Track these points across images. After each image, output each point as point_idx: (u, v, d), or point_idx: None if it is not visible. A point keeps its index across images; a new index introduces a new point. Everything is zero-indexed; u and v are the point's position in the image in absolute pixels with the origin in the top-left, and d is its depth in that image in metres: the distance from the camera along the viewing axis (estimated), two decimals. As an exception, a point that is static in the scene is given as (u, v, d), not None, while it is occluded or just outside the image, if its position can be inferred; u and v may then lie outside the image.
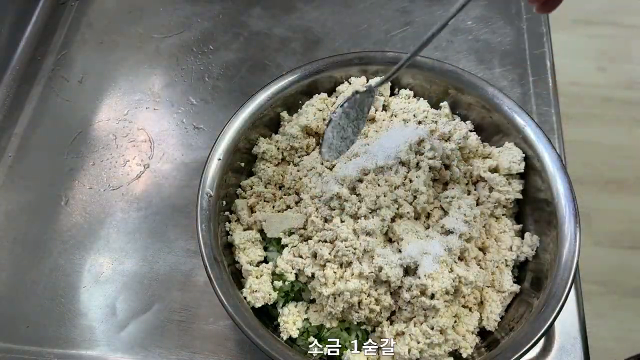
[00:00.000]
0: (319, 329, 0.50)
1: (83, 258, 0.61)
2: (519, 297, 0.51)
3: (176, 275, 0.59)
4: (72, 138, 0.69)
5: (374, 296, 0.48)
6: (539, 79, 0.70)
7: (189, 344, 0.55)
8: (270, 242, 0.54)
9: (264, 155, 0.57)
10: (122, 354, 0.55)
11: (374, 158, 0.52)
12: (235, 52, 0.75)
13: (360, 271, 0.48)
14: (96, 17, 0.80)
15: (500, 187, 0.53)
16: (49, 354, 0.56)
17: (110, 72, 0.74)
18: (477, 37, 0.74)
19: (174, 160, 0.67)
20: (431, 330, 0.47)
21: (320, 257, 0.48)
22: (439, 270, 0.47)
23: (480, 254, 0.52)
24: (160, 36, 0.77)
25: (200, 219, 0.50)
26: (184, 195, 0.64)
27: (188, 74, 0.74)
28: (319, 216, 0.51)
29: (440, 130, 0.55)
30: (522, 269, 0.54)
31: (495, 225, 0.54)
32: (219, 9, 0.79)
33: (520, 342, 0.45)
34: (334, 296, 0.48)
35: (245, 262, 0.52)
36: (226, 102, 0.71)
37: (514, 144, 0.55)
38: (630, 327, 1.11)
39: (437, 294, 0.47)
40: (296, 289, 0.51)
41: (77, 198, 0.65)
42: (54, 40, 0.77)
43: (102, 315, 0.57)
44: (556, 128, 0.66)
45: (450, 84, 0.57)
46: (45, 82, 0.74)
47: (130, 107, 0.71)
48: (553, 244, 0.49)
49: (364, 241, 0.49)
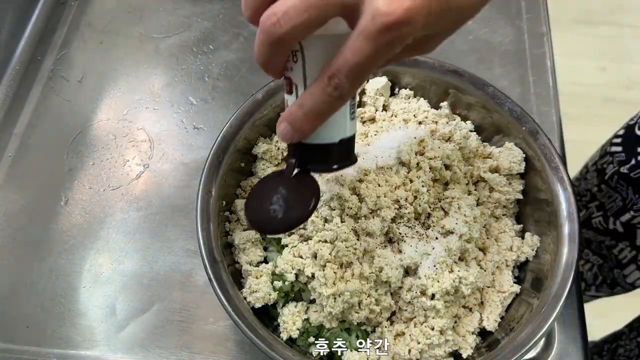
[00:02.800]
0: (319, 329, 0.50)
1: (83, 258, 0.61)
2: (519, 297, 0.51)
3: (176, 275, 0.59)
4: (72, 138, 0.69)
5: (374, 297, 0.48)
6: (539, 79, 0.70)
7: (189, 344, 0.55)
8: (270, 242, 0.54)
9: (264, 155, 0.57)
10: (122, 354, 0.55)
11: (374, 158, 0.52)
12: (235, 52, 0.75)
13: (361, 272, 0.48)
14: (96, 17, 0.80)
15: (500, 188, 0.54)
16: (49, 354, 0.56)
17: (110, 72, 0.74)
18: (477, 37, 0.74)
19: (174, 160, 0.67)
20: (431, 330, 0.47)
21: (321, 257, 0.48)
22: (439, 270, 0.47)
23: (480, 254, 0.52)
24: (160, 36, 0.77)
25: (200, 219, 0.50)
26: (184, 195, 0.64)
27: (188, 74, 0.74)
28: (319, 216, 0.51)
29: (441, 131, 0.55)
30: (522, 269, 0.54)
31: (495, 225, 0.54)
32: (219, 9, 0.79)
33: (520, 342, 0.45)
34: (334, 296, 0.47)
35: (245, 262, 0.52)
36: (226, 102, 0.71)
37: (514, 144, 0.55)
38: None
39: (437, 295, 0.47)
40: (296, 289, 0.51)
41: (77, 198, 0.65)
42: (54, 40, 0.77)
43: (102, 315, 0.57)
44: (556, 128, 0.66)
45: (450, 84, 0.57)
46: (45, 82, 0.74)
47: (130, 107, 0.71)
48: (553, 244, 0.49)
49: (364, 241, 0.49)
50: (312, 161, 0.38)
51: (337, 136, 0.37)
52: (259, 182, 0.44)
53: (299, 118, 0.33)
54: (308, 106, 0.32)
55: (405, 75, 0.59)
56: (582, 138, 1.19)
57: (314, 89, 0.32)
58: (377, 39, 0.28)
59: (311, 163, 0.39)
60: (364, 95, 0.59)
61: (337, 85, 0.31)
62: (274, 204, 0.40)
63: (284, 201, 0.40)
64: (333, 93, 0.31)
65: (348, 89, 0.31)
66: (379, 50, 0.29)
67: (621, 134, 0.73)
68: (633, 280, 0.82)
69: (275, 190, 0.40)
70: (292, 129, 0.34)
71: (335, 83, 0.31)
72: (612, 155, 0.73)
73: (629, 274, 0.81)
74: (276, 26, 0.29)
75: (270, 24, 0.29)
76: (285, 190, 0.40)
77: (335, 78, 0.31)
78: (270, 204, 0.40)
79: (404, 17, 0.27)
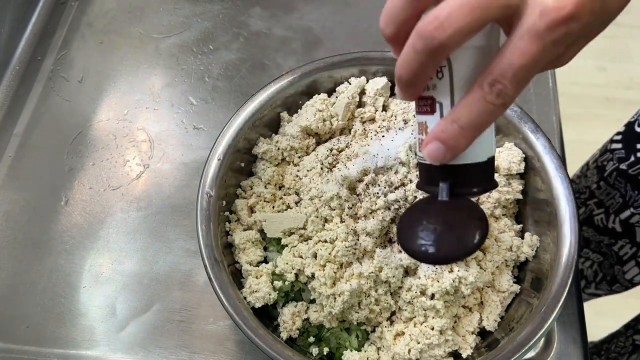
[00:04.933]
0: (319, 329, 0.50)
1: (83, 258, 0.61)
2: (518, 297, 0.52)
3: (176, 275, 0.59)
4: (72, 138, 0.69)
5: (374, 296, 0.48)
6: (539, 79, 0.70)
7: (189, 344, 0.55)
8: (270, 242, 0.54)
9: (264, 155, 0.57)
10: (122, 354, 0.55)
11: (374, 158, 0.52)
12: (235, 52, 0.75)
13: (361, 271, 0.48)
14: (96, 17, 0.80)
15: (500, 188, 0.54)
16: (49, 354, 0.56)
17: (110, 72, 0.74)
18: (477, 37, 0.74)
19: (174, 160, 0.67)
20: (431, 330, 0.47)
21: (320, 257, 0.48)
22: (439, 270, 0.47)
23: (480, 254, 0.52)
24: (160, 36, 0.77)
25: (200, 219, 0.50)
26: (184, 195, 0.64)
27: (188, 74, 0.74)
28: (319, 216, 0.51)
29: (440, 131, 0.55)
30: (522, 269, 0.54)
31: (495, 225, 0.54)
32: (219, 9, 0.79)
33: (520, 342, 0.45)
34: (334, 296, 0.48)
35: (245, 262, 0.52)
36: (226, 102, 0.71)
37: (514, 144, 0.55)
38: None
39: (437, 295, 0.47)
40: (296, 289, 0.51)
41: (77, 198, 0.65)
42: (54, 40, 0.77)
43: (102, 315, 0.57)
44: (556, 128, 0.66)
45: (450, 84, 0.57)
46: (45, 82, 0.74)
47: (130, 107, 0.71)
48: (553, 244, 0.49)
49: (364, 241, 0.49)
50: (460, 184, 0.35)
51: (486, 154, 0.34)
52: (407, 212, 0.40)
53: (455, 134, 0.31)
54: (465, 119, 0.30)
55: (405, 75, 0.59)
56: (582, 138, 1.19)
57: (471, 99, 0.30)
58: (546, 36, 0.27)
59: (460, 186, 0.35)
60: (364, 95, 0.59)
61: (500, 91, 0.29)
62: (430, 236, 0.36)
63: (444, 229, 0.36)
64: (496, 100, 0.29)
65: (512, 95, 0.29)
66: (547, 49, 0.28)
67: (622, 131, 0.73)
68: (631, 277, 0.82)
69: (435, 218, 0.37)
70: (445, 146, 0.31)
71: (499, 89, 0.29)
72: (612, 152, 0.73)
73: (628, 271, 0.82)
74: (439, 30, 0.27)
75: (433, 28, 0.27)
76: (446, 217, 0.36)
77: (498, 84, 0.29)
78: (426, 236, 0.36)
79: (574, 11, 0.27)
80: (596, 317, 0.93)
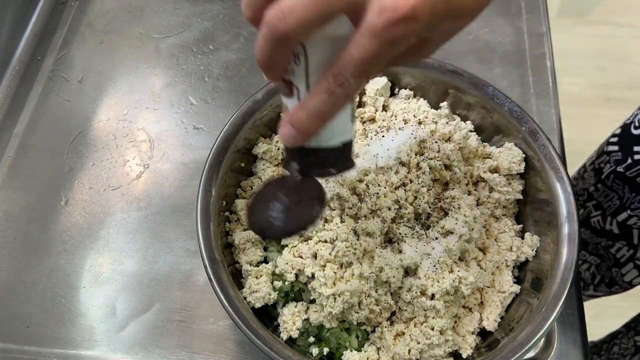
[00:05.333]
0: (319, 329, 0.50)
1: (83, 258, 0.61)
2: (519, 297, 0.52)
3: (176, 275, 0.59)
4: (72, 138, 0.69)
5: (374, 297, 0.48)
6: (539, 79, 0.70)
7: (189, 344, 0.55)
8: (270, 242, 0.54)
9: (264, 155, 0.57)
10: (122, 354, 0.55)
11: (374, 158, 0.52)
12: (235, 52, 0.75)
13: (361, 272, 0.48)
14: (96, 17, 0.80)
15: (500, 188, 0.54)
16: (49, 354, 0.56)
17: (110, 72, 0.74)
18: (477, 37, 0.74)
19: (174, 160, 0.67)
20: (431, 330, 0.47)
21: (321, 257, 0.48)
22: (439, 271, 0.48)
23: (480, 255, 0.52)
24: (160, 36, 0.77)
25: (200, 219, 0.50)
26: (184, 195, 0.64)
27: (188, 74, 0.74)
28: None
29: (441, 131, 0.55)
30: (522, 269, 0.54)
31: (495, 225, 0.54)
32: (219, 9, 0.79)
33: (520, 342, 0.45)
34: (334, 296, 0.48)
35: (245, 262, 0.52)
36: (226, 102, 0.71)
37: (514, 144, 0.55)
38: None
39: (437, 295, 0.47)
40: (296, 289, 0.51)
41: (77, 198, 0.65)
42: (54, 40, 0.77)
43: (102, 315, 0.57)
44: (556, 128, 0.66)
45: (450, 84, 0.57)
46: (45, 82, 0.74)
47: (130, 107, 0.71)
48: (553, 244, 0.49)
49: (364, 241, 0.49)
50: (314, 165, 0.38)
51: (339, 139, 0.37)
52: (263, 186, 0.43)
53: (303, 119, 0.32)
54: (312, 106, 0.32)
55: (405, 76, 0.59)
56: (582, 138, 1.19)
57: (318, 88, 0.31)
58: (382, 35, 0.28)
59: (313, 167, 0.38)
60: (364, 95, 0.59)
61: (342, 83, 0.30)
62: (279, 210, 0.39)
63: (291, 205, 0.39)
64: (338, 91, 0.31)
65: (353, 87, 0.31)
66: (384, 47, 0.29)
67: (618, 133, 0.73)
68: (630, 278, 0.82)
69: (280, 195, 0.40)
70: (296, 131, 0.33)
71: (341, 81, 0.30)
72: (608, 155, 0.73)
73: (627, 273, 0.82)
74: (282, 22, 0.28)
75: (276, 19, 0.29)
76: (290, 195, 0.39)
77: (341, 76, 0.30)
78: (275, 209, 0.39)
79: (410, 12, 0.27)
80: (596, 317, 0.93)
